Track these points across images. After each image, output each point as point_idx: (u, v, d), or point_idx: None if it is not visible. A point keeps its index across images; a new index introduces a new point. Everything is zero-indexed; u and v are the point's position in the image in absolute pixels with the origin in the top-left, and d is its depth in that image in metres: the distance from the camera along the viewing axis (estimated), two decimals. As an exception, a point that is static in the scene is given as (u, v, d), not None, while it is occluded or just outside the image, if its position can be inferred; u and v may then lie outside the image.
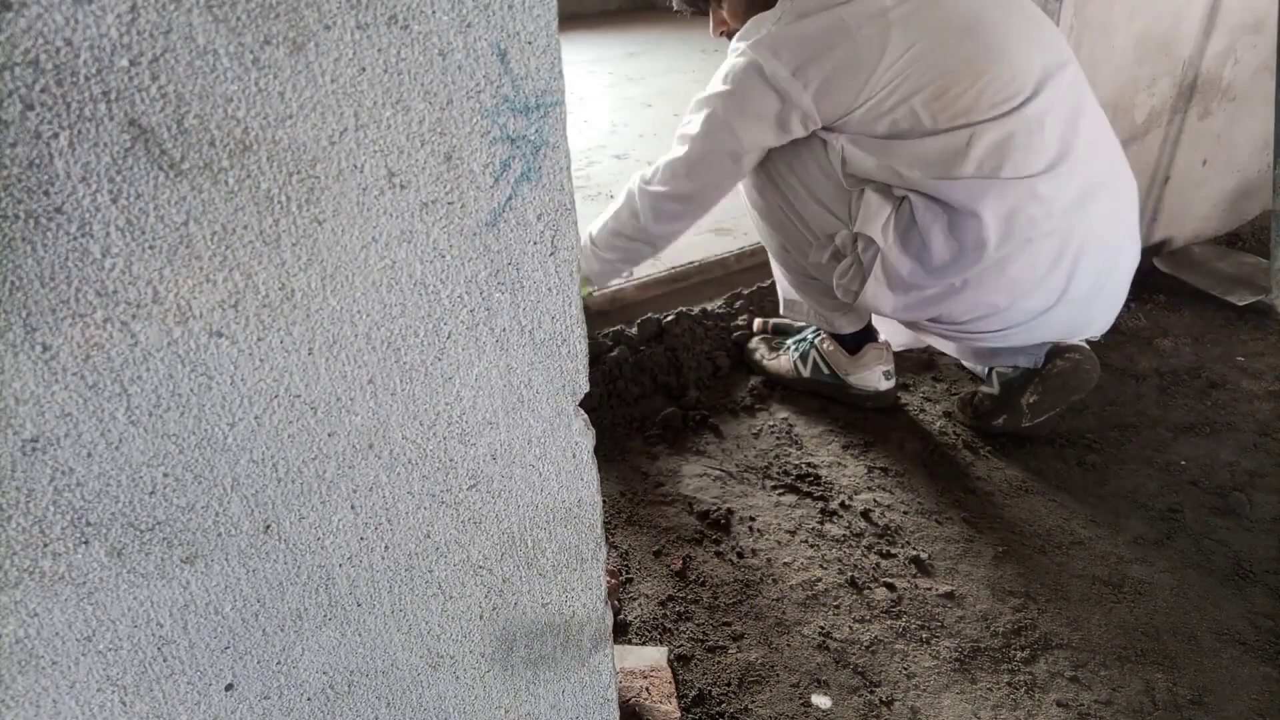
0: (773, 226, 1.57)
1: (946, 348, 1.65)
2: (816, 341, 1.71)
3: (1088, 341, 1.52)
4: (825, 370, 1.69)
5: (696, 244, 2.29)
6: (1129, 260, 1.47)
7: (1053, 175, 1.29)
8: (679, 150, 1.45)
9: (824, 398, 1.72)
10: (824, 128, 1.37)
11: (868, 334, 1.67)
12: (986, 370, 1.62)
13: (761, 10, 1.39)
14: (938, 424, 1.66)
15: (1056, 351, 1.49)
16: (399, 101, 0.52)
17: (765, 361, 1.78)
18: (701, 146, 1.42)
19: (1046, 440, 1.58)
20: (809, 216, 1.48)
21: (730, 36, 1.49)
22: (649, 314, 1.85)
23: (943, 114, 1.28)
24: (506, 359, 0.64)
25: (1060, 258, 1.34)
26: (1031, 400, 1.51)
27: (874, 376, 1.66)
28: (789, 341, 1.77)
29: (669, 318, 1.83)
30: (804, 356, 1.72)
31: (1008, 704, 1.08)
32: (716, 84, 1.40)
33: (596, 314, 1.86)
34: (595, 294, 1.84)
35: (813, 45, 1.29)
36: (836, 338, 1.67)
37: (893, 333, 1.70)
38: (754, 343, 1.84)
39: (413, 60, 0.52)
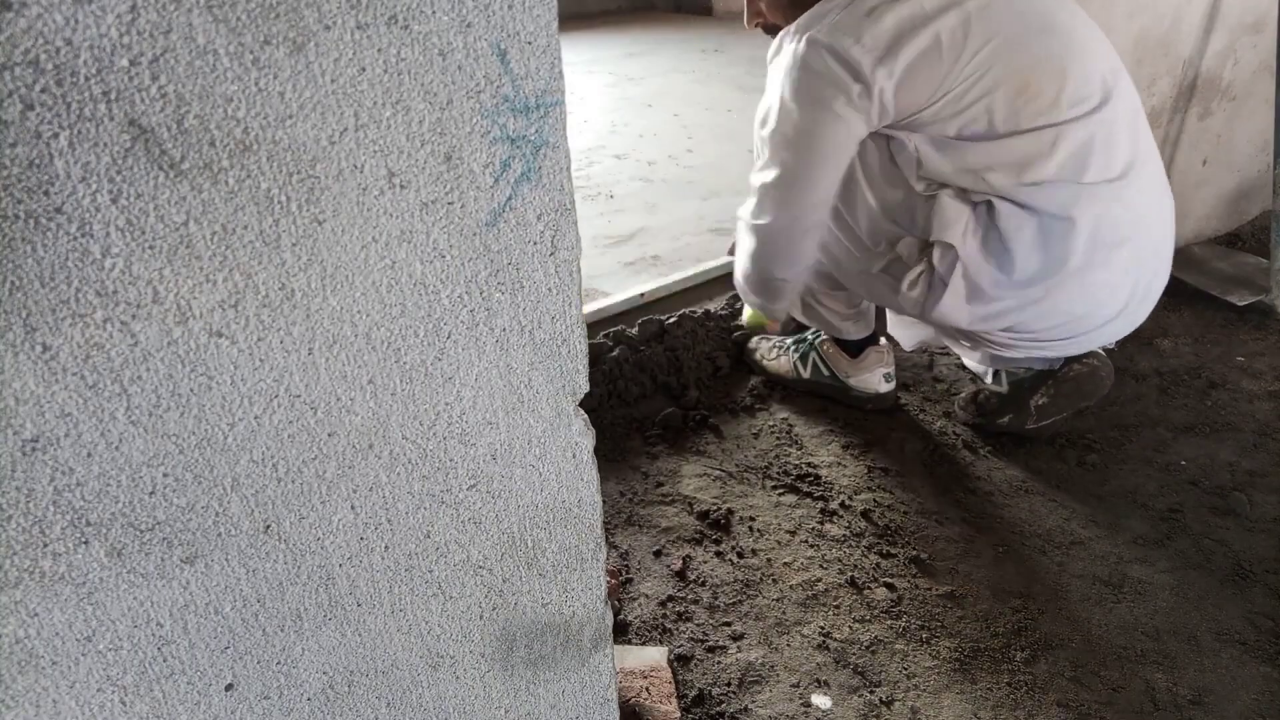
0: (822, 230, 1.48)
1: (972, 355, 1.62)
2: (817, 343, 1.70)
3: (1104, 347, 1.50)
4: (825, 372, 1.69)
5: (695, 245, 2.29)
6: (1167, 271, 1.43)
7: (1128, 180, 1.26)
8: (768, 175, 1.35)
9: (824, 398, 1.72)
10: (896, 124, 1.28)
11: (870, 337, 1.67)
12: (993, 371, 1.62)
13: (801, 3, 1.32)
14: (938, 424, 1.66)
15: (1074, 356, 1.47)
16: (399, 101, 0.52)
17: (765, 361, 1.78)
18: (804, 145, 1.29)
19: (1046, 440, 1.58)
20: (866, 223, 1.39)
21: (768, 31, 1.43)
22: (650, 314, 1.85)
23: (1025, 110, 1.22)
24: (506, 359, 0.64)
25: (1133, 264, 1.30)
26: (1040, 403, 1.50)
27: (874, 379, 1.65)
28: (789, 341, 1.77)
29: (670, 318, 1.83)
30: (804, 357, 1.71)
31: (1008, 704, 1.08)
32: (787, 81, 1.28)
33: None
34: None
35: (894, 30, 1.21)
36: (838, 341, 1.67)
37: (905, 335, 1.67)
38: (754, 341, 1.83)
39: (413, 60, 0.52)
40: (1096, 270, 1.27)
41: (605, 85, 4.29)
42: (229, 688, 0.62)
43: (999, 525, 1.39)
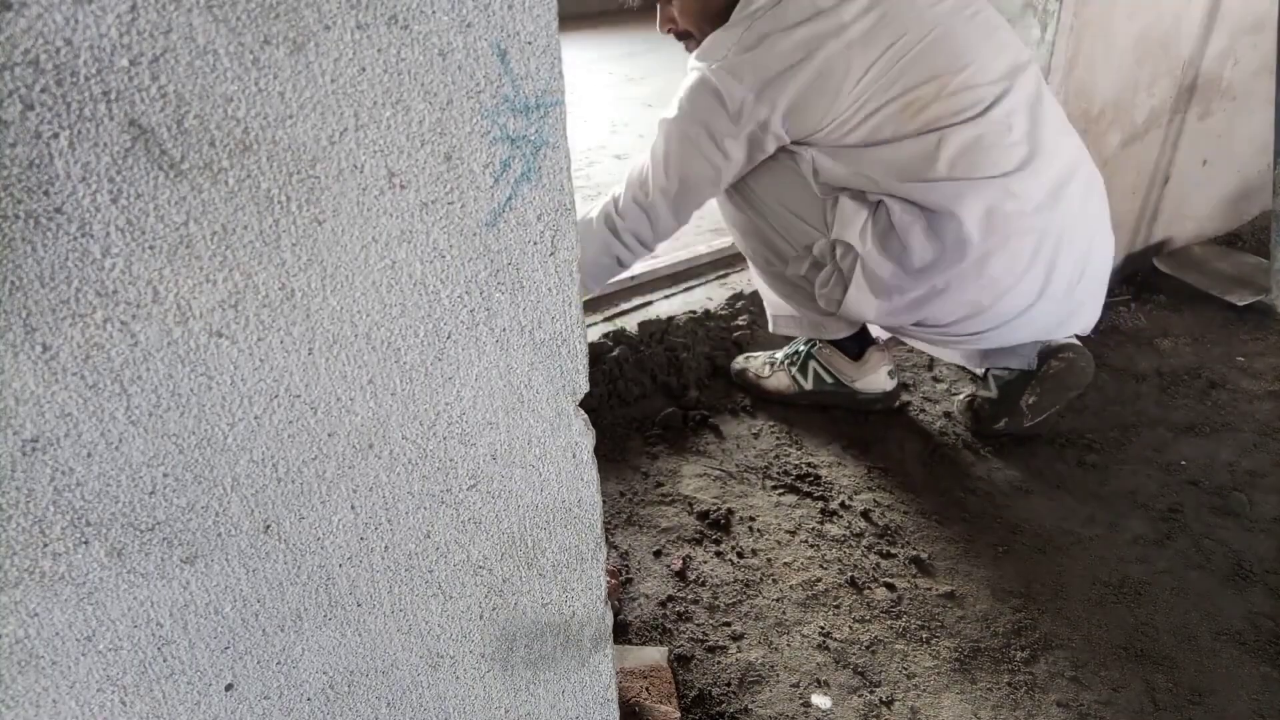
0: (755, 240, 1.54)
1: (938, 352, 1.65)
2: (815, 350, 1.68)
3: (1079, 337, 1.52)
4: (829, 379, 1.67)
5: (694, 245, 2.29)
6: (1104, 250, 1.47)
7: (1024, 173, 1.30)
8: (651, 180, 1.43)
9: (828, 408, 1.70)
10: (793, 143, 1.37)
11: (866, 336, 1.66)
12: (983, 371, 1.62)
13: (712, 14, 1.39)
14: (938, 424, 1.66)
15: (1050, 352, 1.49)
16: (399, 101, 0.52)
17: (761, 381, 1.73)
18: (675, 172, 1.40)
19: (1046, 440, 1.58)
20: (785, 228, 1.47)
21: (680, 37, 1.49)
22: (650, 314, 1.85)
23: (910, 123, 1.29)
24: (506, 359, 0.64)
25: (1038, 253, 1.34)
26: (1030, 401, 1.51)
27: (880, 378, 1.65)
28: (779, 356, 1.73)
29: (670, 318, 1.83)
30: (803, 368, 1.69)
31: (1008, 704, 1.08)
32: (677, 108, 1.38)
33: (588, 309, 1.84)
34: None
35: (776, 68, 1.28)
36: (837, 344, 1.65)
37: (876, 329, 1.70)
38: (740, 361, 1.79)
39: (413, 60, 0.52)
40: (994, 261, 1.33)
41: (605, 85, 4.28)
42: (229, 688, 0.62)
43: (999, 525, 1.39)
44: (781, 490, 1.47)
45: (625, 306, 1.93)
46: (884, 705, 1.08)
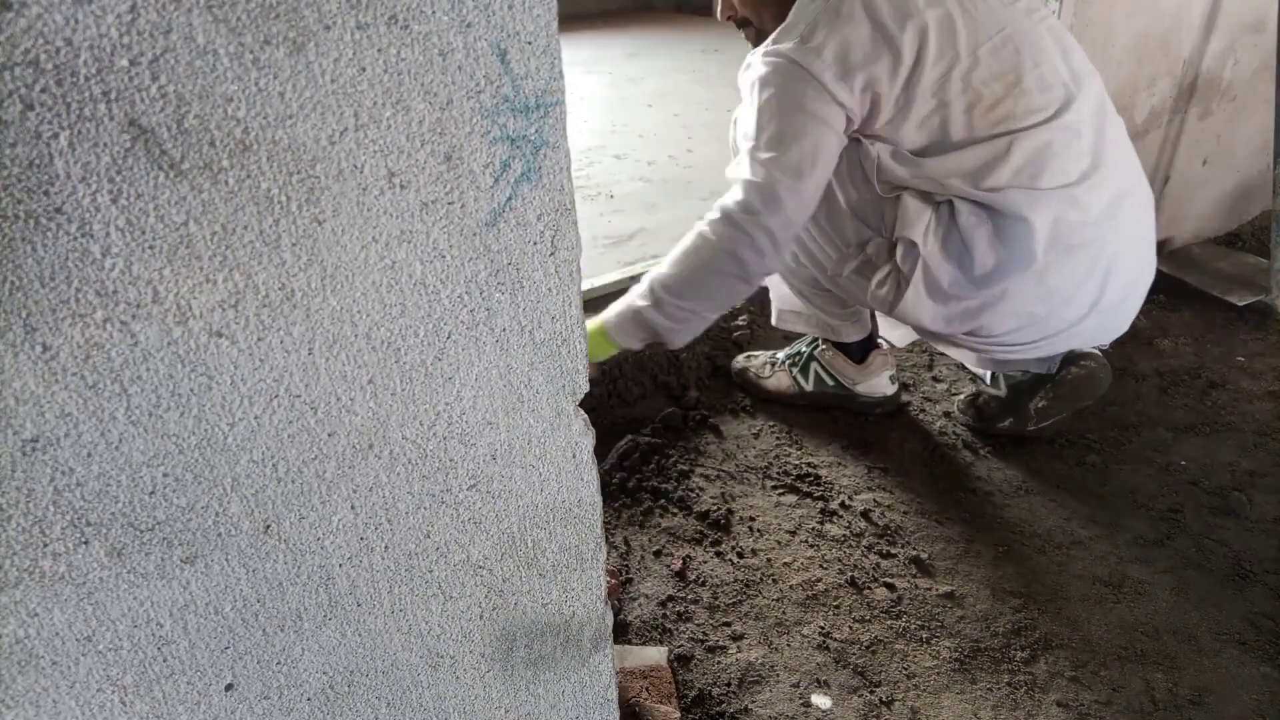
0: None
1: (963, 356, 1.63)
2: (816, 352, 1.67)
3: (1099, 348, 1.51)
4: (830, 381, 1.66)
5: (696, 244, 2.29)
6: (1150, 269, 1.44)
7: (1088, 184, 1.28)
8: (757, 177, 1.30)
9: (828, 409, 1.69)
10: (859, 133, 1.32)
11: (871, 340, 1.65)
12: (990, 374, 1.62)
13: (782, 5, 1.33)
14: (938, 424, 1.66)
15: (1071, 358, 1.48)
16: (399, 101, 0.52)
17: (761, 381, 1.72)
18: (782, 158, 1.28)
19: (1046, 440, 1.58)
20: (838, 225, 1.43)
21: (740, 25, 1.44)
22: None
23: (981, 120, 1.26)
24: (506, 359, 0.64)
25: (1095, 266, 1.32)
26: (1040, 405, 1.51)
27: (881, 382, 1.64)
28: (780, 356, 1.72)
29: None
30: (804, 369, 1.68)
31: (1008, 704, 1.08)
32: (759, 95, 1.29)
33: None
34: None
35: (856, 49, 1.24)
36: (840, 346, 1.65)
37: (897, 335, 1.68)
38: (741, 360, 1.77)
39: (413, 60, 0.52)
40: (1054, 272, 1.30)
41: (605, 85, 4.28)
42: (229, 688, 0.62)
43: (999, 525, 1.39)
44: (781, 490, 1.47)
45: (625, 306, 1.92)
46: (884, 705, 1.08)
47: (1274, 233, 1.97)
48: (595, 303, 1.91)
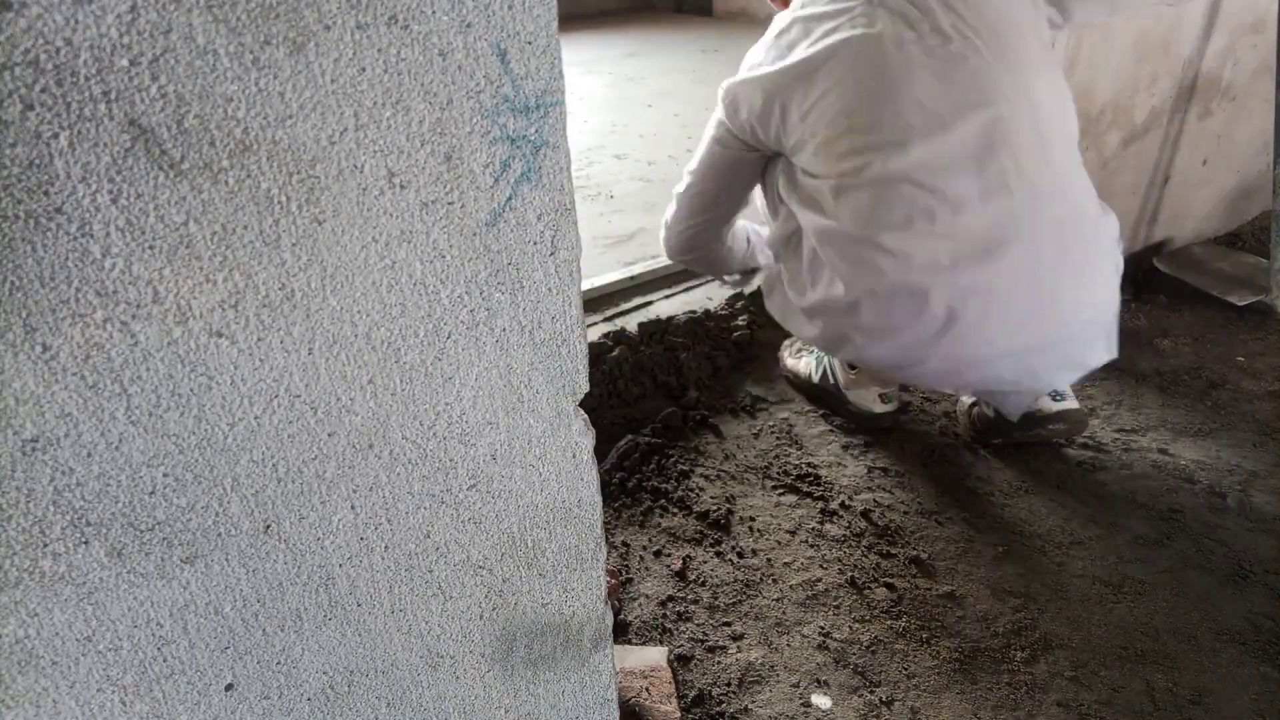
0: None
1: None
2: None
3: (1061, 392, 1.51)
4: (831, 380, 1.67)
5: (696, 244, 2.29)
6: (1071, 312, 1.31)
7: (910, 233, 1.25)
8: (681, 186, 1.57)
9: (825, 405, 1.71)
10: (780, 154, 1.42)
11: None
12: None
13: None
14: (938, 424, 1.66)
15: (1039, 420, 1.50)
16: (399, 101, 0.52)
17: (786, 358, 1.80)
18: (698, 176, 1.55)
19: (1046, 441, 1.58)
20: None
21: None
22: (649, 314, 1.85)
23: (826, 163, 1.29)
24: (506, 359, 0.64)
25: (923, 312, 1.28)
26: (1024, 439, 1.56)
27: (869, 397, 1.63)
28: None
29: (669, 318, 1.83)
30: (819, 360, 1.71)
31: (1008, 704, 1.08)
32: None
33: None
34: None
35: (774, 91, 1.32)
36: None
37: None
38: (786, 343, 1.84)
39: (413, 60, 0.52)
40: (866, 311, 1.37)
41: (605, 85, 4.28)
42: (229, 688, 0.62)
43: (999, 525, 1.39)
44: (781, 490, 1.47)
45: (625, 306, 1.93)
46: (884, 705, 1.08)
47: (1274, 233, 1.97)
48: (595, 303, 1.92)
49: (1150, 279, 2.16)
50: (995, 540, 1.35)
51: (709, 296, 1.98)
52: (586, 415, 0.70)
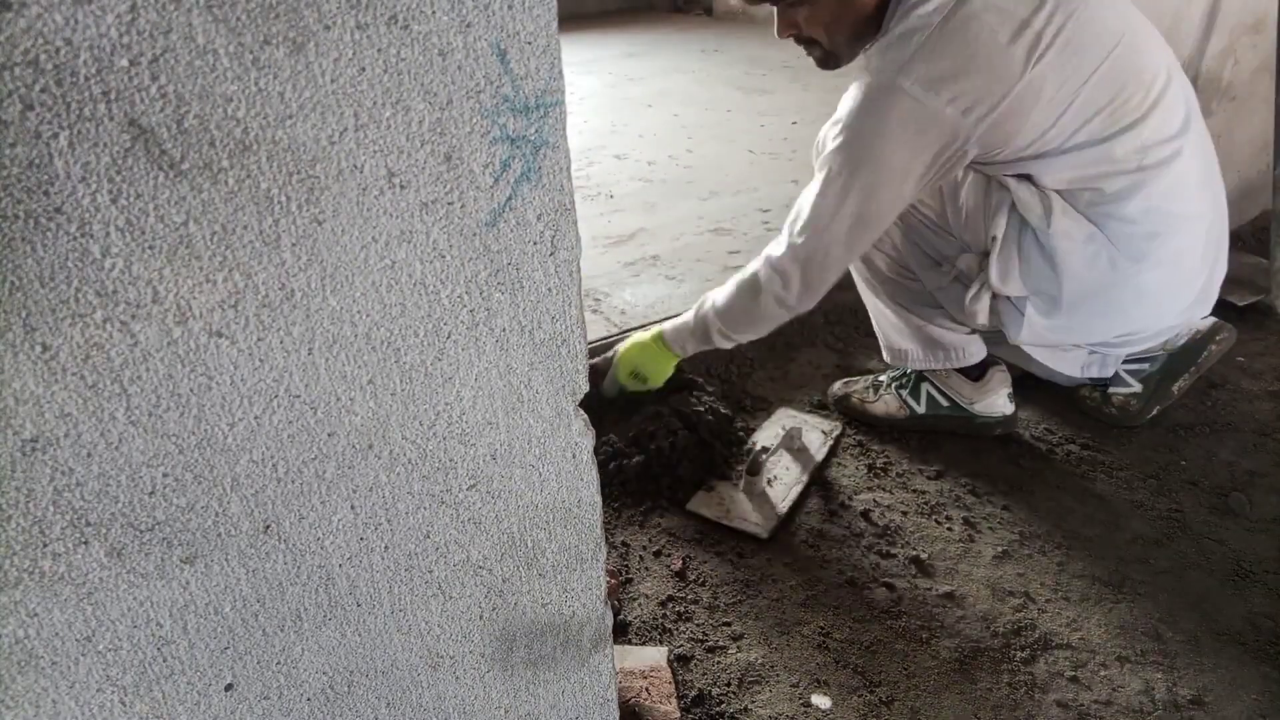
0: (893, 258, 1.52)
1: (1064, 365, 1.56)
2: (927, 371, 1.58)
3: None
4: (945, 402, 1.56)
5: (695, 245, 2.29)
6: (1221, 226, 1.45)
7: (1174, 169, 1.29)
8: (818, 218, 1.26)
9: (939, 433, 1.59)
10: (975, 161, 1.28)
11: (989, 355, 1.57)
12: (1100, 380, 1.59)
13: (854, 21, 1.26)
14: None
15: (1206, 336, 1.56)
16: (399, 101, 0.52)
17: (868, 406, 1.62)
18: (853, 205, 1.24)
19: (1045, 440, 1.58)
20: (929, 240, 1.47)
21: (801, 43, 1.34)
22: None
23: (1111, 127, 1.24)
24: (506, 359, 0.64)
25: (1193, 247, 1.36)
26: (1182, 385, 1.58)
27: (1000, 400, 1.55)
28: (884, 379, 1.64)
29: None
30: (914, 391, 1.58)
31: (1008, 704, 1.08)
32: (852, 126, 1.22)
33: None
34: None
35: (973, 83, 1.17)
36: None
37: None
38: (839, 387, 1.68)
39: (413, 60, 0.52)
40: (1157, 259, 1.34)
41: (605, 85, 4.29)
42: (229, 688, 0.62)
43: (999, 525, 1.39)
44: (781, 490, 1.47)
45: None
46: (884, 705, 1.08)
47: (1274, 233, 1.97)
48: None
49: (1150, 279, 2.15)
50: (995, 540, 1.35)
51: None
52: (586, 415, 0.70)
